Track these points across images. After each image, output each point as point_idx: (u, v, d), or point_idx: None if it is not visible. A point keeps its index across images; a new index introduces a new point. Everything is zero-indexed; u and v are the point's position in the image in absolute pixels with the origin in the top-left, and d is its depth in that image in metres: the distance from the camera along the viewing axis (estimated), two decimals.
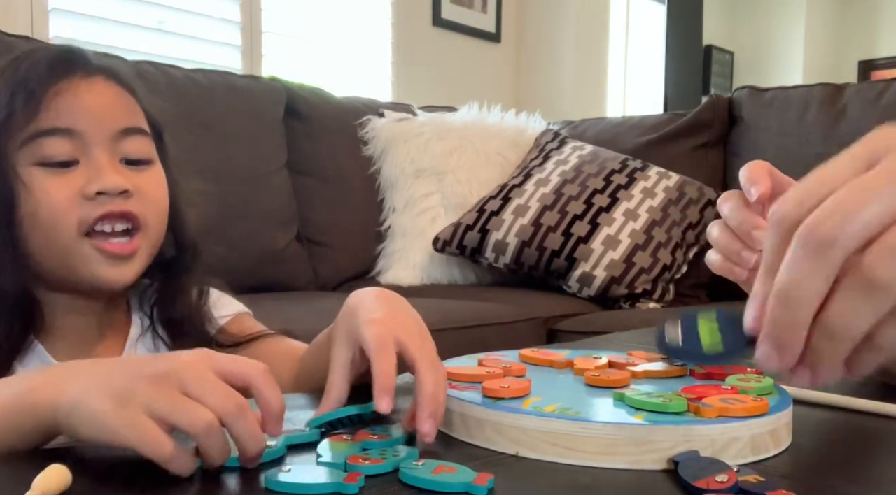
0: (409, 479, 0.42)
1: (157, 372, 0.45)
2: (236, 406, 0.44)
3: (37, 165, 0.67)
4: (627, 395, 0.52)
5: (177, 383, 0.44)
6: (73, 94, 0.69)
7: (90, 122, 0.69)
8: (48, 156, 0.67)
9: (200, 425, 0.43)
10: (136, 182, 0.71)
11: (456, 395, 0.52)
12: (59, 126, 0.68)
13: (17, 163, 0.67)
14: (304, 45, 2.66)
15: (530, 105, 2.65)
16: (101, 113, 0.70)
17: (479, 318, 1.59)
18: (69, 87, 0.69)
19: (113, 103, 0.71)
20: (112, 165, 0.69)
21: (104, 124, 0.70)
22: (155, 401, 0.43)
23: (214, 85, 1.86)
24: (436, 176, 2.12)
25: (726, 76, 5.45)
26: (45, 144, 0.67)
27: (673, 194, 1.99)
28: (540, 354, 0.66)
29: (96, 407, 0.44)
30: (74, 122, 0.68)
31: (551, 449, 0.47)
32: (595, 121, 2.47)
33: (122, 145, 0.71)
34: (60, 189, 0.67)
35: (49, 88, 0.68)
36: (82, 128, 0.68)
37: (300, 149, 2.04)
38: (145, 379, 0.44)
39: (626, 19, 4.18)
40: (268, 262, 1.86)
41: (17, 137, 0.67)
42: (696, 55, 4.66)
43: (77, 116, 0.68)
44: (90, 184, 0.68)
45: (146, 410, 0.43)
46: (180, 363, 0.45)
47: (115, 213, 0.69)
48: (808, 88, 2.09)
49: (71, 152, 0.68)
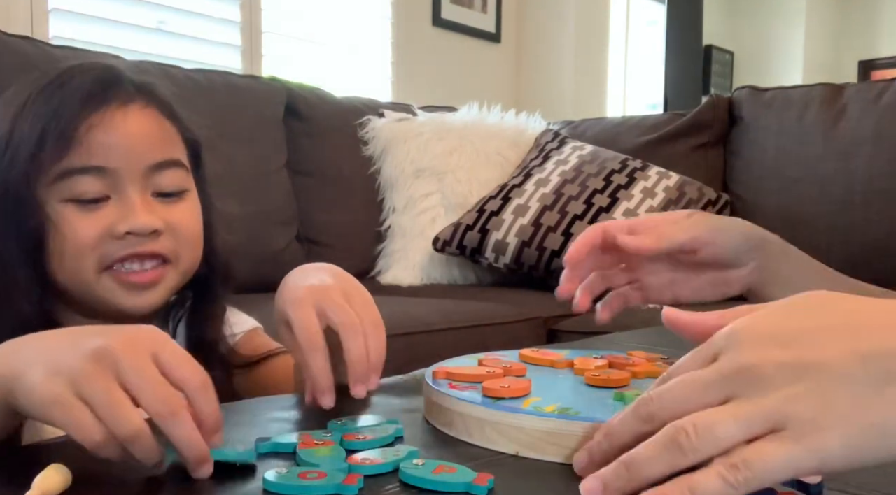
0: (410, 479, 0.42)
1: (98, 349, 0.43)
2: (170, 410, 0.42)
3: (68, 202, 0.66)
4: (628, 395, 0.52)
5: (114, 368, 0.42)
6: (106, 128, 0.67)
7: (123, 158, 0.67)
8: (78, 194, 0.66)
9: (126, 431, 0.41)
10: (169, 217, 0.69)
11: (456, 395, 0.52)
12: (91, 164, 0.66)
13: (46, 199, 0.66)
14: (304, 45, 2.65)
15: (530, 105, 2.65)
16: (136, 147, 0.68)
17: (479, 318, 1.59)
18: (103, 120, 0.67)
19: (148, 135, 0.69)
20: (144, 202, 0.68)
21: (137, 159, 0.68)
22: (88, 387, 0.42)
23: (214, 85, 1.86)
24: (436, 176, 2.12)
25: (726, 76, 5.45)
26: (75, 182, 0.66)
27: (673, 194, 1.99)
28: (540, 354, 0.66)
29: (35, 380, 0.43)
30: (107, 159, 0.66)
31: (552, 448, 0.46)
32: (595, 121, 2.47)
33: (156, 179, 0.69)
34: (88, 227, 0.66)
35: (82, 122, 0.66)
36: (115, 165, 0.67)
37: (300, 149, 2.04)
38: (84, 357, 0.42)
39: (625, 19, 4.18)
40: (268, 262, 1.86)
41: (47, 173, 0.66)
42: (696, 55, 4.65)
43: (110, 153, 0.66)
44: (120, 223, 0.66)
45: (78, 393, 0.41)
46: (122, 344, 0.43)
47: (143, 254, 0.68)
48: (808, 88, 2.08)
49: (102, 189, 0.67)
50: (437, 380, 0.56)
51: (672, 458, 0.36)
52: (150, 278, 0.69)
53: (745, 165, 2.11)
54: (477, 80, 3.17)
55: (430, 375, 0.57)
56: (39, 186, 0.66)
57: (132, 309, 0.69)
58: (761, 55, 5.50)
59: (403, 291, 1.88)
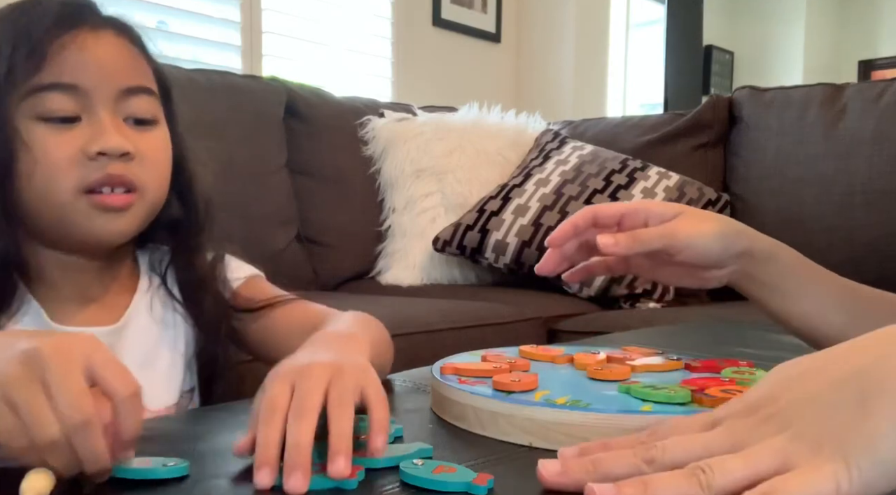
0: (410, 479, 0.42)
1: (27, 352, 0.41)
2: (81, 420, 0.40)
3: (37, 120, 0.65)
4: (633, 388, 0.53)
5: (40, 372, 0.41)
6: (78, 47, 0.66)
7: (95, 78, 0.67)
8: (49, 112, 0.65)
9: (43, 440, 0.40)
10: (139, 143, 0.69)
11: (468, 389, 0.53)
12: (62, 81, 0.65)
13: (16, 117, 0.65)
14: (304, 45, 2.66)
15: (530, 105, 2.65)
16: (107, 69, 0.67)
17: (479, 318, 1.59)
18: (75, 40, 0.66)
19: (120, 59, 0.69)
20: (115, 125, 0.67)
21: (109, 81, 0.67)
22: (12, 391, 0.41)
23: (214, 85, 1.86)
24: (436, 176, 2.12)
25: (726, 76, 5.46)
26: (46, 99, 0.65)
27: (673, 194, 1.99)
28: (540, 350, 0.68)
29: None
30: (78, 77, 0.66)
31: (565, 439, 0.48)
32: (595, 121, 2.47)
33: (127, 104, 0.69)
34: (60, 147, 0.65)
35: (54, 41, 0.65)
36: (86, 84, 0.66)
37: (300, 149, 2.04)
38: (12, 360, 0.41)
39: (625, 19, 4.19)
40: (268, 262, 1.86)
41: (17, 90, 0.65)
42: (696, 55, 4.66)
43: (82, 72, 0.66)
44: (91, 143, 0.66)
45: (4, 396, 0.41)
46: (52, 348, 0.42)
47: (114, 179, 0.67)
48: (808, 88, 2.09)
49: (73, 109, 0.66)
50: (445, 376, 0.57)
51: (689, 487, 0.36)
52: (123, 201, 0.68)
53: (745, 165, 2.11)
54: (477, 80, 3.17)
55: (438, 371, 0.58)
56: (9, 104, 0.65)
57: (103, 233, 0.69)
58: (761, 55, 5.50)
59: (403, 291, 1.89)
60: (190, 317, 0.78)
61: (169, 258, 0.78)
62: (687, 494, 0.36)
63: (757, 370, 0.59)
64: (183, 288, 0.78)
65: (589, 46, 3.43)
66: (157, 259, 0.79)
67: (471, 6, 3.18)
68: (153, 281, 0.78)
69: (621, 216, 0.70)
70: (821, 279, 0.71)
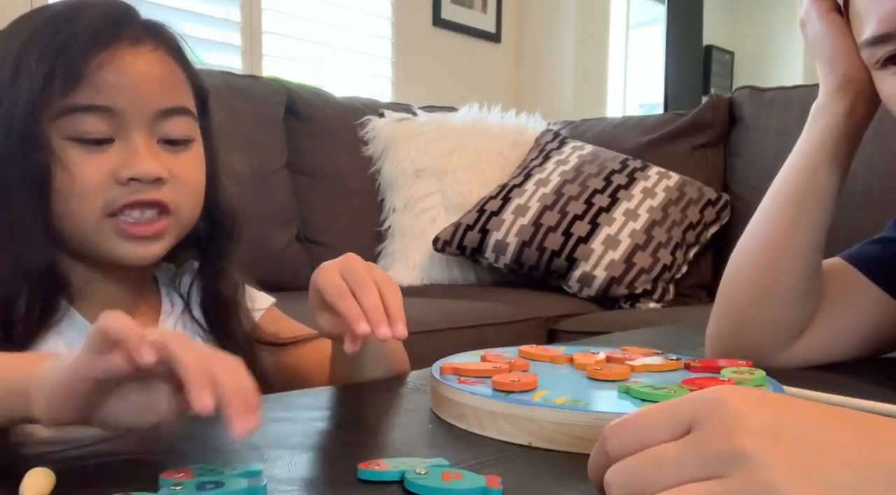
0: (417, 488, 0.41)
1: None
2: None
3: (70, 140, 0.64)
4: (633, 387, 0.53)
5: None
6: (115, 67, 0.64)
7: (131, 100, 0.65)
8: (82, 133, 0.64)
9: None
10: (172, 166, 0.67)
11: (467, 389, 0.53)
12: (97, 103, 0.64)
13: (50, 136, 0.64)
14: (304, 45, 2.66)
15: (530, 105, 2.65)
16: (144, 91, 0.66)
17: (479, 318, 1.59)
18: (112, 58, 0.65)
19: (157, 79, 0.67)
20: (148, 149, 0.66)
21: (146, 103, 0.66)
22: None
23: (214, 85, 1.85)
24: (436, 176, 2.12)
25: (726, 76, 5.45)
26: (80, 121, 0.64)
27: (673, 194, 1.99)
28: (539, 350, 0.68)
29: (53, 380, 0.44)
30: (114, 100, 0.64)
31: (564, 439, 0.48)
32: (595, 121, 2.47)
33: (162, 125, 0.67)
34: (91, 169, 0.64)
35: (91, 60, 0.64)
36: (122, 106, 0.65)
37: (300, 149, 2.04)
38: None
39: (625, 19, 4.18)
40: (268, 262, 1.86)
41: (51, 108, 0.64)
42: (696, 55, 4.66)
43: (117, 94, 0.64)
44: (123, 168, 0.65)
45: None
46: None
47: (144, 202, 0.66)
48: (808, 88, 2.08)
49: (106, 131, 0.65)
50: (445, 376, 0.57)
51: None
52: (152, 231, 0.67)
53: (746, 165, 2.11)
54: (477, 80, 3.17)
55: (438, 371, 0.58)
56: (44, 122, 0.64)
57: (131, 259, 0.68)
58: (761, 55, 5.50)
59: (403, 291, 1.86)
60: (217, 345, 0.74)
61: (192, 279, 0.76)
62: None
63: (756, 370, 0.59)
64: (208, 313, 0.76)
65: (589, 46, 3.43)
66: (178, 278, 0.77)
67: (471, 6, 3.18)
68: (175, 303, 0.76)
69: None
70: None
